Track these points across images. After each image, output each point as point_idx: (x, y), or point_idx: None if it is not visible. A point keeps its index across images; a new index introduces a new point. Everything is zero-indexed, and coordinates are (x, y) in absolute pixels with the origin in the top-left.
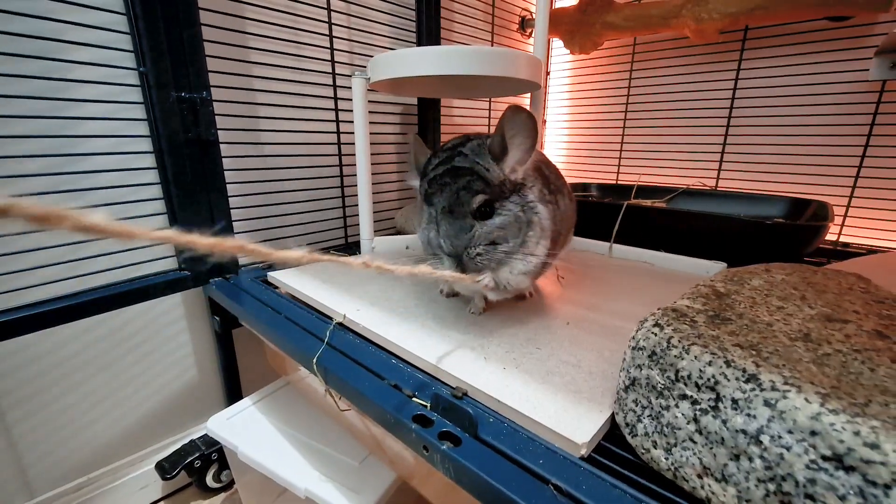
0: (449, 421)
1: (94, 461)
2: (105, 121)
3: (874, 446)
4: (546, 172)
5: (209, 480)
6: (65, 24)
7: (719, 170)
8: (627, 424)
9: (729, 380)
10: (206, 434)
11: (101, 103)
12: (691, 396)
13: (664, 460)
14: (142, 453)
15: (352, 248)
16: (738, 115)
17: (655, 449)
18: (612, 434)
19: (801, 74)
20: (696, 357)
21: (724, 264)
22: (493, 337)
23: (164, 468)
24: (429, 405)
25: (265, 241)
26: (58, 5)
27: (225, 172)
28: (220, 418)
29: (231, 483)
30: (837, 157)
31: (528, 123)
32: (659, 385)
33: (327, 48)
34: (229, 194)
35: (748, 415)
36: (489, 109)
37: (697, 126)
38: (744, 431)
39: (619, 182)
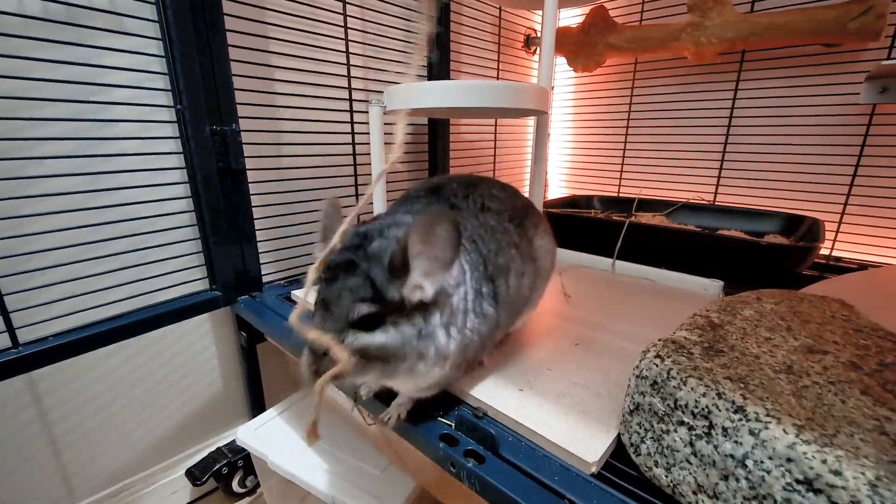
0: (472, 440)
1: (130, 468)
2: (140, 156)
3: (837, 473)
4: (488, 251)
5: (235, 486)
6: (106, 68)
7: (717, 184)
8: (632, 444)
9: (720, 410)
10: (232, 441)
11: (136, 139)
12: (688, 423)
13: (664, 478)
14: (172, 460)
15: None
16: (736, 132)
17: (657, 468)
18: (619, 452)
19: (796, 96)
20: (692, 388)
21: (721, 283)
22: (507, 359)
23: (194, 475)
24: (453, 425)
25: (286, 259)
26: (101, 52)
27: (251, 196)
28: (249, 428)
29: (255, 488)
30: (830, 175)
31: (445, 236)
32: (660, 411)
33: (345, 76)
34: (255, 217)
35: (736, 441)
36: (495, 126)
37: (696, 142)
38: (732, 456)
39: (620, 195)
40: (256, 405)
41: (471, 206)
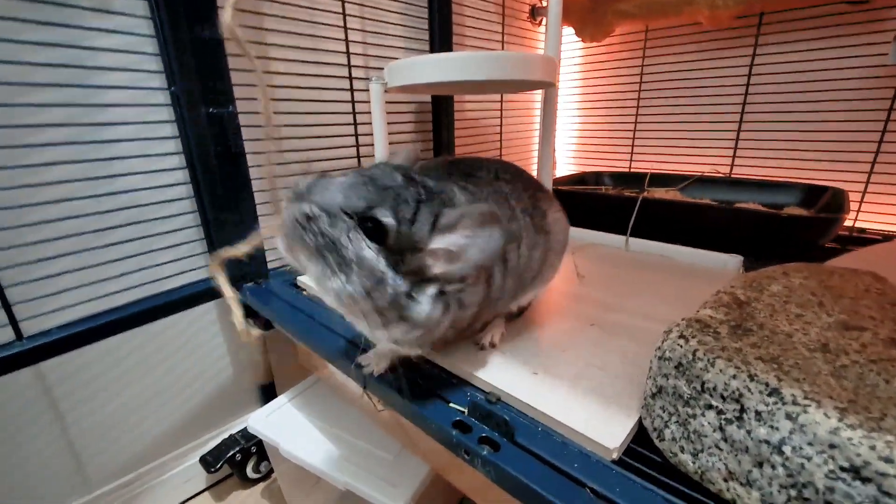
0: (486, 426)
1: (143, 457)
2: (137, 141)
3: (888, 460)
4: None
5: (249, 471)
6: (96, 50)
7: (734, 156)
8: (655, 429)
9: (752, 393)
10: (244, 428)
11: (132, 125)
12: (717, 407)
13: (691, 464)
14: (185, 448)
15: None
16: (754, 100)
17: (683, 453)
18: (640, 436)
19: (818, 59)
20: (721, 370)
21: (741, 258)
22: (519, 340)
23: (208, 462)
24: (466, 411)
25: None
26: (90, 33)
27: (252, 181)
28: (260, 416)
29: (269, 473)
30: (854, 142)
31: (492, 244)
32: (685, 395)
33: (343, 52)
34: (257, 202)
35: (771, 426)
36: (501, 102)
37: (712, 112)
38: (767, 442)
39: (631, 170)
40: (266, 392)
41: (485, 175)
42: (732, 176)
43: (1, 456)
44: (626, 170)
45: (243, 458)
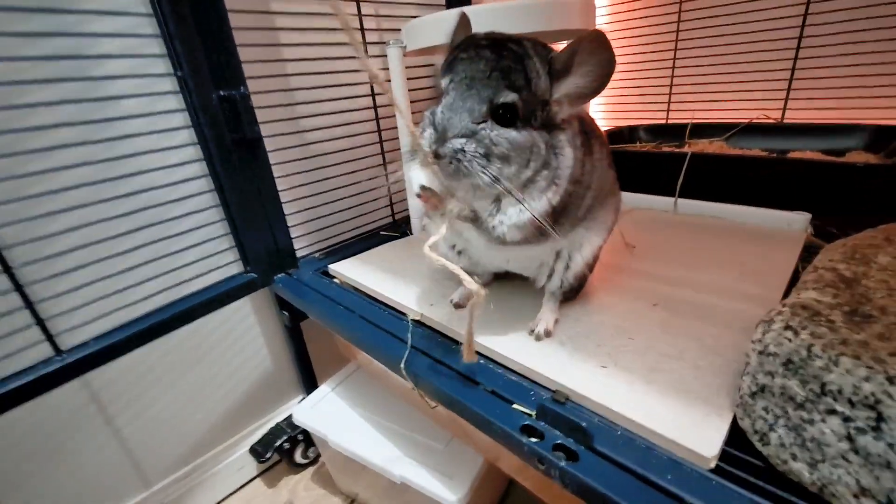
0: (559, 430)
1: (195, 450)
2: (149, 135)
3: None
4: (591, 140)
5: (298, 458)
6: (94, 36)
7: (786, 98)
8: (756, 431)
9: (894, 398)
10: (290, 416)
11: (142, 117)
12: (843, 413)
13: (807, 474)
14: (235, 439)
15: (399, 224)
16: (812, 32)
17: (795, 461)
18: (735, 436)
19: None
20: (847, 370)
21: (808, 215)
22: (578, 327)
23: (258, 452)
24: (533, 414)
25: (317, 230)
26: (83, 18)
27: (272, 167)
28: (305, 407)
29: (318, 457)
30: None
31: (606, 64)
32: (798, 397)
33: (354, 14)
34: (280, 188)
35: None
36: None
37: (762, 49)
38: None
39: (669, 121)
40: (308, 381)
41: None
42: (785, 121)
43: (59, 463)
44: (664, 121)
45: (291, 445)
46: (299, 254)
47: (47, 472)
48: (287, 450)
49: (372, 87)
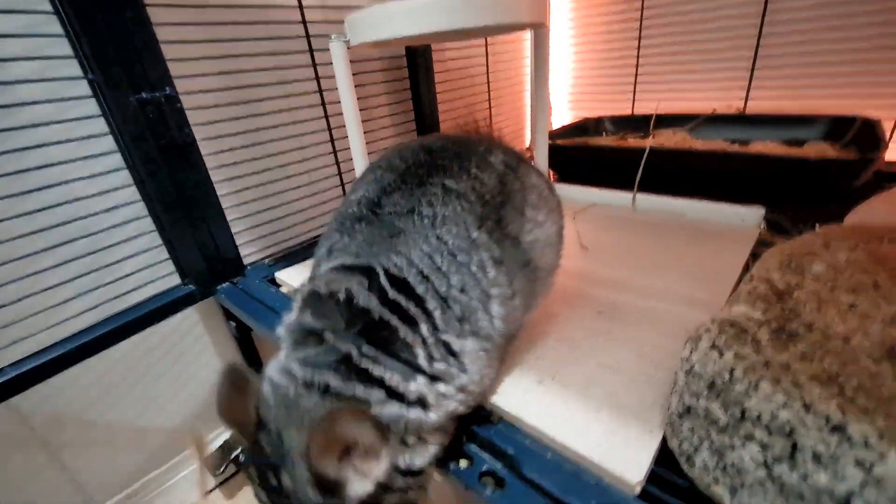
0: (489, 454)
1: (147, 466)
2: (65, 144)
3: None
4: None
5: None
6: None
7: (748, 88)
8: (683, 453)
9: (808, 428)
10: None
11: (56, 124)
12: (761, 440)
13: (727, 500)
14: (189, 452)
15: None
16: (773, 19)
17: (717, 485)
18: (665, 456)
19: None
20: (766, 396)
21: (761, 210)
22: (521, 339)
23: (214, 463)
24: (464, 437)
25: (268, 234)
26: None
27: (210, 171)
28: None
29: None
30: (888, 63)
31: (355, 431)
32: (720, 421)
33: (296, 6)
34: (220, 193)
35: (835, 473)
36: (486, 46)
37: (724, 39)
38: (830, 492)
39: (635, 113)
40: None
41: (417, 223)
42: (747, 112)
43: None
44: (630, 113)
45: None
46: (249, 260)
47: None
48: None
49: (319, 84)
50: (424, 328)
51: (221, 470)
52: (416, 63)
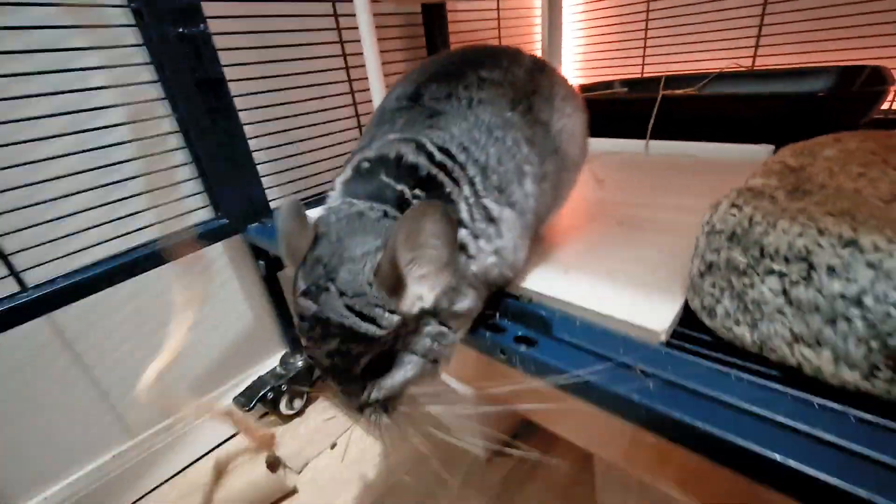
0: (521, 325)
1: (178, 403)
2: (110, 69)
3: None
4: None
5: (283, 408)
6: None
7: (756, 45)
8: (705, 307)
9: (823, 248)
10: (274, 367)
11: (101, 49)
12: (779, 270)
13: (748, 336)
14: (219, 391)
15: None
16: None
17: (738, 326)
18: (687, 320)
19: None
20: (784, 231)
21: (772, 146)
22: (546, 244)
23: (242, 402)
24: (496, 314)
25: (289, 182)
26: None
27: (238, 112)
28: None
29: (303, 409)
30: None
31: (437, 230)
32: (741, 265)
33: None
34: (248, 136)
35: (847, 279)
36: (497, 10)
37: None
38: (843, 296)
39: (644, 76)
40: (290, 332)
41: (455, 105)
42: (755, 69)
43: (36, 409)
44: (639, 75)
45: (275, 396)
46: (274, 204)
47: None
48: (272, 400)
49: (340, 35)
50: (467, 189)
51: (249, 409)
52: (431, 24)
